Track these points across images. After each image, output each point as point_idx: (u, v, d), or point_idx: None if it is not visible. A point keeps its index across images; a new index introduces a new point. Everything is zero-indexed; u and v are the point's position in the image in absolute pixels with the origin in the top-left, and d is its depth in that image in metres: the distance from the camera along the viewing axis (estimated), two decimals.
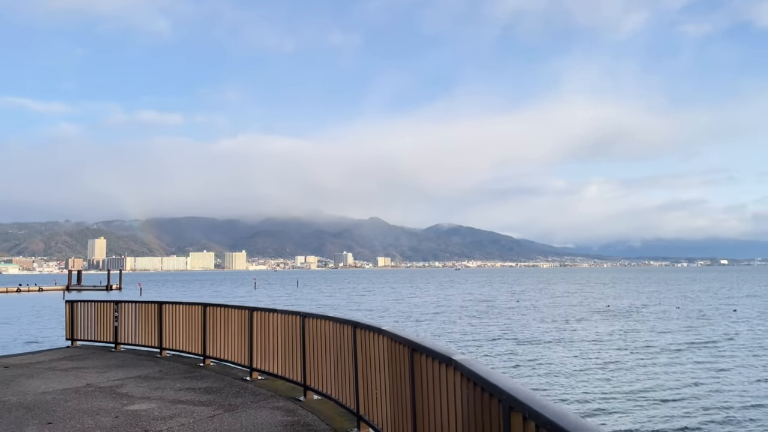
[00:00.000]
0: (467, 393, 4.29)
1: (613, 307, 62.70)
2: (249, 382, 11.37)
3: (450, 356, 4.65)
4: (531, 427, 3.13)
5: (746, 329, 40.42)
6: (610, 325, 43.66)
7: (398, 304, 69.51)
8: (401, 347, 6.13)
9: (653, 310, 57.37)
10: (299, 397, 9.79)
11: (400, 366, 6.18)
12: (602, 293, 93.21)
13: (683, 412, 18.46)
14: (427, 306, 66.00)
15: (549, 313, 55.56)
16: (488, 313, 54.92)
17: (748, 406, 19.25)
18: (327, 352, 8.93)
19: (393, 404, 6.52)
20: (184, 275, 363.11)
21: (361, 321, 7.76)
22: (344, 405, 8.30)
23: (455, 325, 44.25)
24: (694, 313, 54.16)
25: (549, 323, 45.37)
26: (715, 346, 32.56)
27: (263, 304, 12.62)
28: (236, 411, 9.03)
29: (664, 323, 44.89)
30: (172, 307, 14.77)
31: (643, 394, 20.80)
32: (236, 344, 12.26)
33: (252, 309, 11.75)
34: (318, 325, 9.26)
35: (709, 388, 21.88)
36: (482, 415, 4.00)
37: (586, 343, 33.91)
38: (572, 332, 39.24)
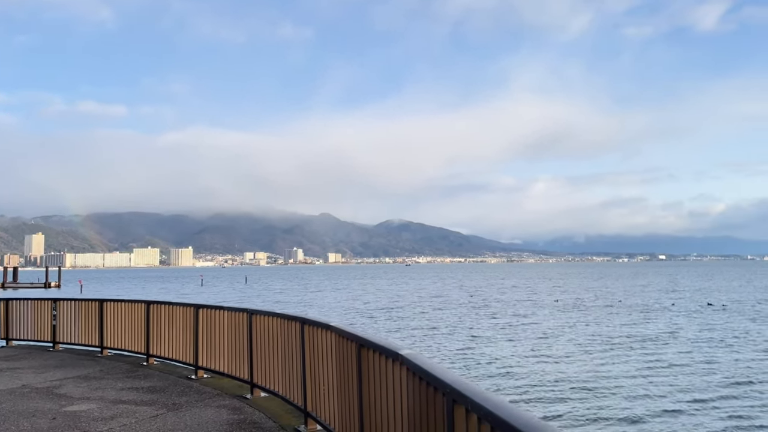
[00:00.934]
0: (413, 387, 4.35)
1: (561, 301, 64.69)
2: (194, 380, 11.17)
3: (397, 351, 4.70)
4: (473, 420, 3.21)
5: (686, 322, 42.27)
6: (559, 319, 44.95)
7: (351, 301, 69.48)
8: (349, 343, 6.16)
9: (599, 304, 59.40)
10: (246, 395, 9.69)
11: (348, 362, 6.20)
12: (550, 288, 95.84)
13: (627, 404, 19.15)
14: (381, 302, 66.24)
15: (501, 307, 56.62)
16: (442, 309, 55.47)
17: (690, 399, 20.17)
18: (274, 349, 8.87)
19: (340, 399, 6.55)
20: (128, 272, 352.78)
21: (308, 317, 7.75)
22: (292, 402, 8.27)
23: (409, 321, 44.53)
24: (637, 306, 56.31)
25: (501, 318, 46.23)
26: (656, 339, 33.94)
27: (210, 302, 12.41)
28: (180, 410, 8.86)
29: (609, 317, 46.49)
30: (113, 305, 14.38)
31: (588, 387, 21.46)
32: (181, 342, 12.03)
33: (198, 306, 11.55)
34: (265, 322, 9.19)
35: (652, 380, 22.79)
36: (427, 408, 4.06)
37: (537, 338, 34.76)
38: (523, 326, 40.11)
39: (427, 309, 55.26)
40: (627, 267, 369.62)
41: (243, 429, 7.81)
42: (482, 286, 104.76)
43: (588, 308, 54.96)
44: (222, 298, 79.39)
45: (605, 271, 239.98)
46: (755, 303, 59.02)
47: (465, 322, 42.87)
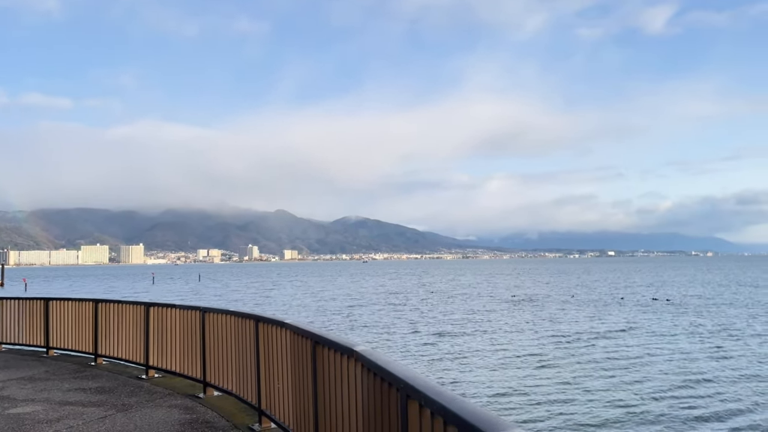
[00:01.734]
0: (368, 383, 4.36)
1: (517, 296, 66.05)
2: (145, 380, 10.92)
3: (351, 348, 4.71)
4: (426, 414, 3.23)
5: (633, 316, 43.67)
6: (516, 314, 45.78)
7: (310, 298, 68.98)
8: (304, 340, 6.13)
9: (554, 299, 60.78)
10: (199, 394, 9.54)
11: (303, 359, 6.18)
12: (507, 284, 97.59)
13: (584, 398, 19.64)
14: (340, 299, 65.97)
15: (461, 303, 57.28)
16: (403, 305, 55.68)
17: (636, 391, 20.85)
18: (228, 347, 8.76)
19: (295, 397, 6.51)
20: (76, 270, 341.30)
21: (263, 315, 7.67)
22: (246, 400, 8.18)
23: (369, 318, 44.47)
24: (590, 301, 57.86)
25: (460, 314, 46.73)
26: (606, 333, 34.94)
27: (162, 300, 12.14)
28: (130, 411, 8.65)
29: (564, 311, 47.61)
30: (60, 304, 13.93)
31: (543, 381, 21.93)
32: (131, 341, 11.74)
33: (148, 304, 11.29)
34: (219, 320, 9.05)
35: (603, 372, 23.46)
36: (382, 404, 4.08)
37: (495, 333, 35.31)
38: (482, 322, 40.61)
39: (388, 306, 55.36)
40: (578, 263, 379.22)
41: (195, 428, 7.68)
42: (441, 282, 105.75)
43: (543, 303, 56.25)
44: (174, 296, 77.77)
45: (558, 267, 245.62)
46: (698, 297, 61.43)
47: (426, 319, 43.17)
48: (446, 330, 36.45)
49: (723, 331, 34.92)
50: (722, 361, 25.34)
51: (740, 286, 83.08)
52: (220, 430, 7.68)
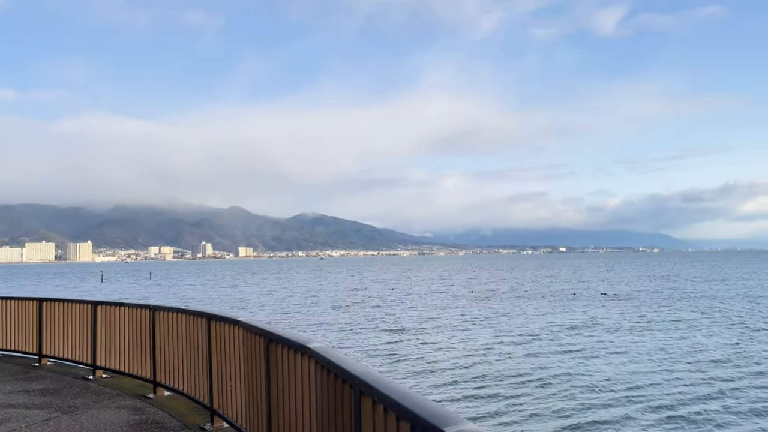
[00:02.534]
0: (321, 380, 4.35)
1: (476, 292, 67.17)
2: (92, 381, 10.60)
3: (305, 345, 4.67)
4: (379, 410, 3.24)
5: (584, 310, 44.90)
6: (475, 310, 46.38)
7: (266, 296, 68.17)
8: (257, 338, 6.06)
9: (511, 295, 61.92)
10: (148, 395, 9.31)
11: (256, 357, 6.10)
12: (465, 280, 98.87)
13: (537, 393, 20.04)
14: (298, 297, 65.36)
15: (420, 300, 57.67)
16: (363, 302, 55.54)
17: (580, 382, 21.41)
18: (179, 346, 8.58)
19: (248, 396, 6.44)
20: (20, 268, 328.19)
21: (215, 313, 7.55)
22: (197, 400, 8.04)
23: (328, 316, 44.17)
24: (544, 296, 59.20)
25: (420, 310, 47.03)
26: (559, 327, 35.79)
27: (111, 299, 11.80)
28: (76, 413, 8.38)
29: (520, 306, 48.52)
30: (1, 303, 13.39)
31: (498, 376, 22.29)
32: (78, 341, 11.37)
33: (96, 303, 10.95)
34: (169, 318, 8.86)
35: (562, 367, 24.00)
36: (335, 400, 4.07)
37: (454, 329, 35.70)
38: (441, 318, 40.94)
39: (347, 303, 55.17)
40: (531, 259, 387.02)
41: (144, 429, 7.50)
42: (400, 279, 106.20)
43: (501, 298, 57.35)
44: (124, 294, 75.77)
45: (513, 263, 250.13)
46: (645, 292, 63.62)
47: (386, 316, 43.26)
48: (406, 326, 36.62)
49: (668, 322, 36.27)
50: (665, 352, 26.33)
51: (681, 280, 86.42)
52: (170, 430, 7.52)
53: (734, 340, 29.62)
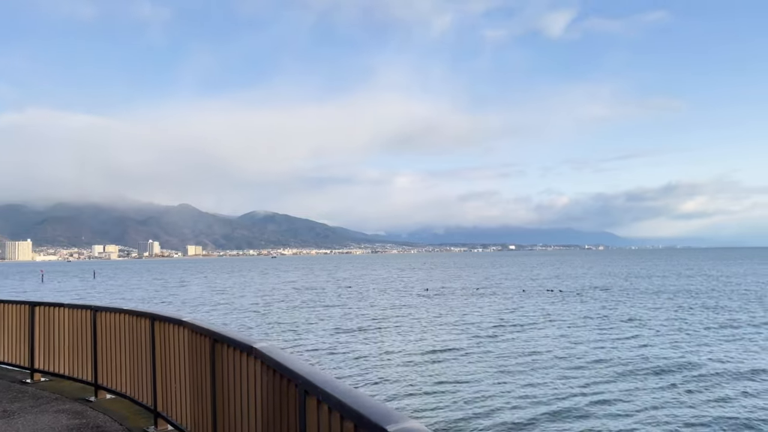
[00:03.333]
0: (267, 380, 4.32)
1: (431, 289, 67.85)
2: (30, 384, 10.19)
3: (251, 345, 4.64)
4: (324, 409, 3.25)
5: (532, 305, 45.95)
6: (430, 308, 46.93)
7: (217, 295, 66.77)
8: (202, 338, 5.97)
9: (464, 292, 62.91)
10: (89, 398, 9.02)
11: (201, 357, 6.01)
12: (419, 278, 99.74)
13: (491, 392, 20.36)
14: (250, 296, 64.23)
15: (375, 298, 57.83)
16: (317, 301, 55.05)
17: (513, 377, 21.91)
18: (122, 347, 8.36)
19: (193, 397, 6.33)
20: None
21: (160, 313, 7.38)
22: (140, 402, 7.85)
23: (281, 315, 43.57)
24: (496, 293, 60.27)
25: (376, 309, 47.11)
26: (510, 323, 36.50)
27: (51, 299, 11.37)
28: (12, 418, 8.04)
29: (472, 304, 49.24)
30: None
31: (450, 375, 22.53)
32: (15, 344, 10.92)
33: (33, 304, 10.53)
34: (112, 319, 8.61)
35: (511, 363, 24.46)
36: (281, 400, 4.05)
37: (408, 327, 35.95)
38: (395, 318, 41.05)
39: (301, 302, 54.61)
40: (483, 256, 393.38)
41: None
42: (354, 277, 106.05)
43: (455, 295, 58.36)
44: (65, 294, 73.09)
45: (465, 260, 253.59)
46: (590, 288, 65.63)
47: (340, 314, 43.15)
48: (362, 325, 36.63)
49: (610, 317, 37.54)
50: (608, 344, 27.25)
51: (622, 278, 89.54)
52: None
53: (678, 337, 30.90)
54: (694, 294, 55.96)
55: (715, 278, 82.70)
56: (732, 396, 18.53)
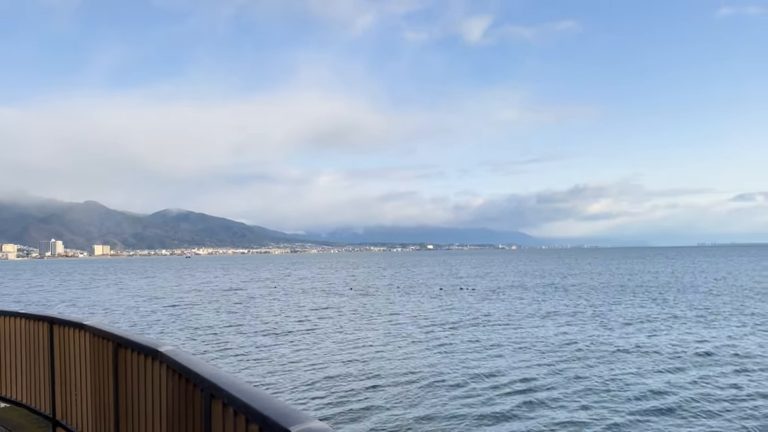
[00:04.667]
0: (173, 384, 4.25)
1: (355, 289, 67.85)
2: None
3: (156, 348, 4.54)
4: (230, 413, 3.24)
5: (448, 303, 47.07)
6: (354, 307, 46.96)
7: (129, 298, 63.17)
8: (105, 342, 5.77)
9: (387, 291, 63.45)
10: None
11: (104, 363, 5.80)
12: (344, 277, 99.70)
13: (404, 391, 20.63)
14: (166, 298, 61.15)
15: (302, 298, 57.00)
16: (238, 303, 53.28)
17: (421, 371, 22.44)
18: (17, 353, 7.90)
19: (95, 404, 6.10)
20: None
21: (59, 317, 7.05)
22: (38, 410, 7.46)
23: (200, 318, 41.60)
24: (415, 292, 61.20)
25: (301, 309, 46.51)
26: (423, 321, 37.19)
27: None
28: None
29: (394, 303, 49.72)
30: None
31: (368, 374, 22.65)
32: None
33: None
34: (5, 323, 8.13)
35: (422, 362, 24.88)
36: (186, 405, 4.00)
37: (333, 328, 35.77)
38: (322, 317, 40.78)
39: (225, 304, 52.64)
40: (402, 256, 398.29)
41: None
42: (279, 277, 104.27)
43: (379, 294, 58.94)
44: None
45: (385, 260, 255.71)
46: (503, 287, 68.11)
47: (266, 315, 42.21)
48: (283, 326, 36.09)
49: (519, 313, 39.18)
50: (515, 338, 28.44)
51: (535, 275, 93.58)
52: None
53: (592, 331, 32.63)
54: (612, 289, 59.33)
55: (621, 275, 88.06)
56: (635, 375, 19.86)
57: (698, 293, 54.70)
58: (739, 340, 28.35)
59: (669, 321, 35.72)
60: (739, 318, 36.54)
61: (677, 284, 67.46)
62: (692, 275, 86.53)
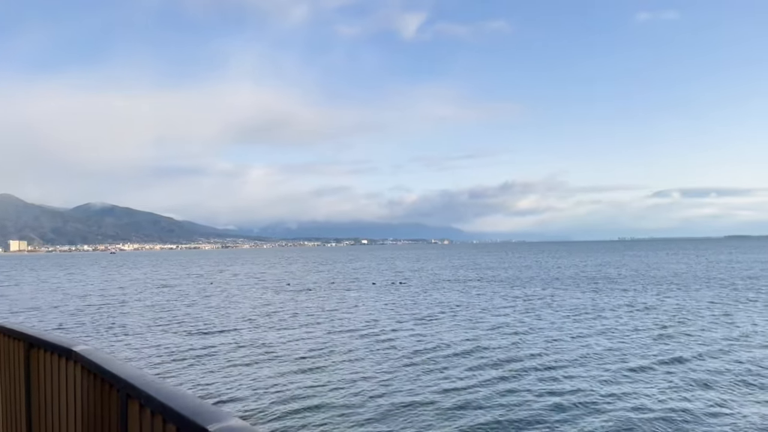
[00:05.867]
0: (88, 385, 4.06)
1: (292, 285, 67.06)
2: None
3: (70, 348, 4.32)
4: (147, 414, 3.12)
5: (380, 295, 47.39)
6: (296, 302, 46.39)
7: (50, 295, 59.80)
8: (16, 343, 5.44)
9: (330, 286, 63.03)
10: None
11: (14, 364, 5.47)
12: (281, 273, 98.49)
13: (335, 388, 20.56)
14: (92, 296, 58.05)
15: (239, 294, 55.83)
16: (177, 300, 51.13)
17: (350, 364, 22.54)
18: None
19: (5, 408, 5.75)
20: None
21: None
22: None
23: (128, 318, 39.77)
24: (351, 287, 61.23)
25: (239, 305, 45.50)
26: (350, 314, 37.29)
27: None
28: None
29: (329, 298, 49.51)
30: None
31: (299, 373, 22.47)
32: None
33: None
34: None
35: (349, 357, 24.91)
36: (102, 406, 3.83)
37: (268, 324, 35.25)
38: (260, 316, 39.90)
39: (158, 301, 50.31)
40: (337, 251, 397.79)
41: None
42: (211, 273, 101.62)
43: (318, 289, 58.66)
44: None
45: (320, 255, 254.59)
46: (433, 280, 69.37)
47: (202, 313, 40.89)
48: (216, 323, 35.14)
49: (451, 304, 40.03)
50: (440, 328, 29.04)
51: (467, 269, 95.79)
52: None
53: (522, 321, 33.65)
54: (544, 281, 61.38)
55: (549, 269, 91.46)
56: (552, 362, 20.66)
57: (617, 284, 57.59)
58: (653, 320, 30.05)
59: (598, 310, 37.42)
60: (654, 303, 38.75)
61: (604, 276, 70.77)
62: (616, 267, 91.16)
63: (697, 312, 36.32)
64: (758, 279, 62.32)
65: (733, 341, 26.25)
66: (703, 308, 38.21)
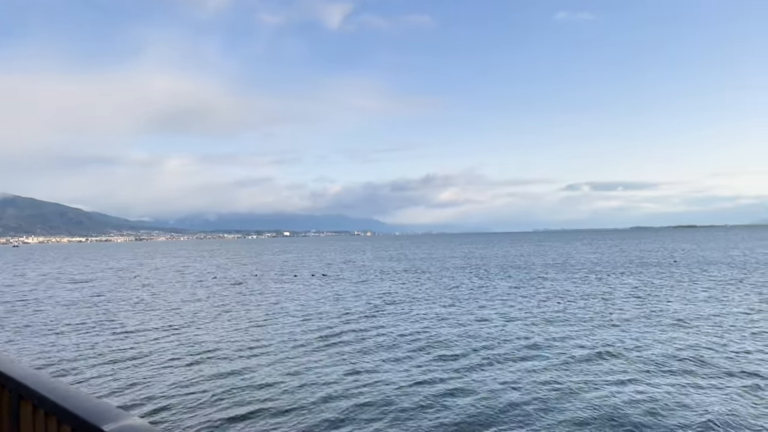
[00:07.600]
0: None
1: (219, 278, 65.42)
2: None
3: None
4: (40, 415, 3.05)
5: (302, 289, 47.20)
6: (218, 297, 45.24)
7: None
8: None
9: (255, 279, 61.83)
10: None
11: None
12: (205, 266, 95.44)
13: (250, 386, 20.33)
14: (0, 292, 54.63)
15: (162, 289, 53.46)
16: (96, 297, 47.93)
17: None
18: None
19: None
20: None
21: None
22: None
23: (36, 316, 37.35)
24: (273, 279, 60.43)
25: (160, 302, 43.66)
26: (272, 306, 37.00)
27: None
28: None
29: (254, 291, 48.60)
30: None
31: (214, 370, 21.63)
32: None
33: None
34: None
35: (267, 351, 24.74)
36: None
37: (190, 320, 34.16)
38: (181, 312, 38.59)
39: (73, 299, 46.80)
40: (258, 243, 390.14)
41: None
42: (128, 268, 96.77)
43: (243, 283, 57.34)
44: None
45: (242, 247, 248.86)
46: (369, 272, 69.85)
47: (115, 310, 38.91)
48: (133, 322, 33.23)
49: (367, 295, 40.57)
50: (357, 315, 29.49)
51: (396, 260, 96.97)
52: None
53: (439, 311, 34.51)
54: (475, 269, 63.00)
55: (469, 257, 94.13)
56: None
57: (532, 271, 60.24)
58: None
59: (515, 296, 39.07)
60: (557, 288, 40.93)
61: (527, 263, 73.75)
62: (541, 256, 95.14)
63: (623, 296, 38.77)
64: (670, 266, 67.08)
65: (652, 319, 28.40)
66: (628, 292, 40.89)
